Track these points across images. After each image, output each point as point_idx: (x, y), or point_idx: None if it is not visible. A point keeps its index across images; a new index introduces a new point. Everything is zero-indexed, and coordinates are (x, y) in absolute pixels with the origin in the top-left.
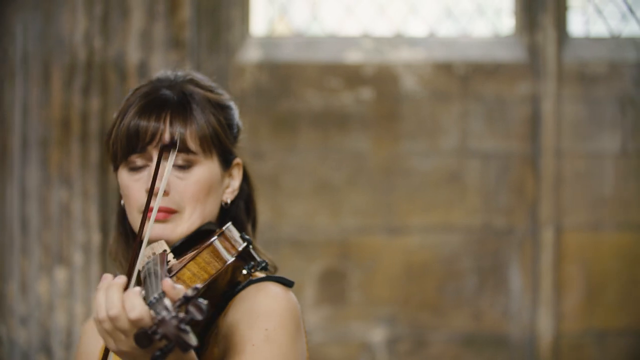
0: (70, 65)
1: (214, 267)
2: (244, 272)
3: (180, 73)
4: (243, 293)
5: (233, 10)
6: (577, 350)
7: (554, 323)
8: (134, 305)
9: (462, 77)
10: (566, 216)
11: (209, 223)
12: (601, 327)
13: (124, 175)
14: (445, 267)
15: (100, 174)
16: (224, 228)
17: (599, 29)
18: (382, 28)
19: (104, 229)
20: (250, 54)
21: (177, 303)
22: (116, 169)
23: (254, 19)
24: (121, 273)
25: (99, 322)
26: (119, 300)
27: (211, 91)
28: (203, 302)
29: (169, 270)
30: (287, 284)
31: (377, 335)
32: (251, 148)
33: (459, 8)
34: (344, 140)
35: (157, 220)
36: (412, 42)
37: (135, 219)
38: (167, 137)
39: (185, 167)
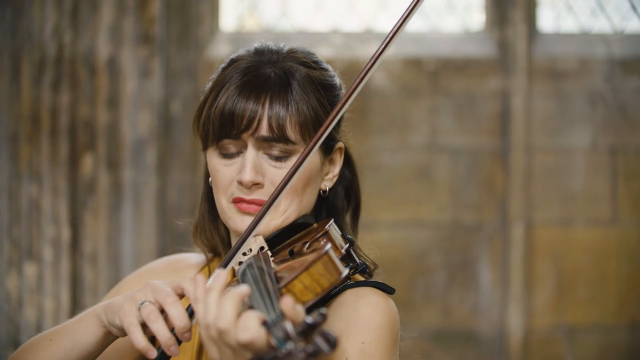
0: (39, 60)
1: (327, 280)
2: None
3: (282, 45)
4: (341, 298)
5: (203, 5)
6: (546, 346)
7: (524, 319)
8: (247, 327)
9: (432, 73)
10: (536, 212)
11: (305, 215)
12: (571, 322)
13: (214, 157)
14: (414, 263)
15: (69, 169)
16: (327, 227)
17: (568, 25)
18: (352, 24)
19: (73, 224)
20: (220, 50)
21: (299, 329)
22: (205, 148)
23: (224, 14)
24: (201, 252)
25: (204, 327)
26: (232, 315)
27: (315, 68)
28: (331, 333)
29: (277, 278)
30: (388, 291)
31: None
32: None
33: (429, 4)
34: None
35: (248, 213)
36: (382, 37)
37: (222, 207)
38: (264, 126)
39: (282, 158)
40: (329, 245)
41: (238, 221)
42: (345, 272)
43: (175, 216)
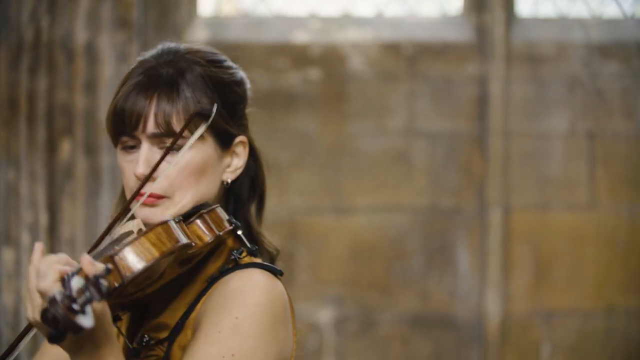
0: (16, 44)
1: (158, 249)
2: (232, 257)
3: (182, 46)
4: (226, 278)
5: None
6: (524, 331)
7: (502, 303)
8: (45, 276)
9: (410, 58)
10: (514, 197)
11: (204, 204)
12: (549, 307)
13: (118, 153)
14: (392, 248)
15: (47, 154)
16: (203, 210)
17: (546, 10)
18: (329, 8)
19: (51, 209)
20: (198, 34)
21: (87, 283)
22: (115, 145)
23: None
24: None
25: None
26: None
27: (209, 66)
28: (104, 283)
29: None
30: (275, 272)
31: (325, 315)
32: None
33: None
34: (291, 120)
35: (145, 204)
36: (360, 22)
37: (128, 198)
38: (151, 122)
39: (174, 149)
40: (167, 217)
41: (138, 212)
42: (184, 241)
43: None
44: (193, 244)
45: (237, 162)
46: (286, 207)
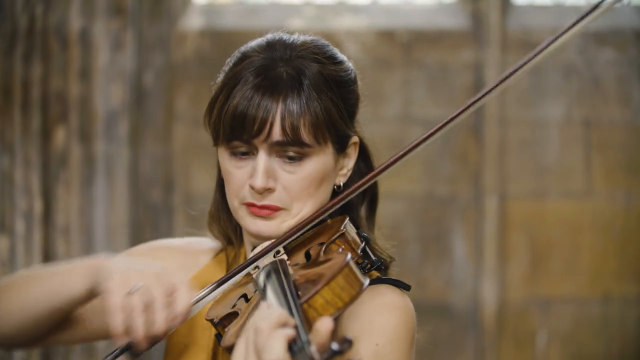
0: (11, 32)
1: (348, 294)
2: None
3: (294, 38)
4: None
5: None
6: (521, 319)
7: (498, 291)
8: (272, 349)
9: (405, 45)
10: (510, 184)
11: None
12: (545, 295)
13: (224, 156)
14: (388, 235)
15: (42, 141)
16: (342, 228)
17: None
18: None
19: (45, 197)
20: (192, 22)
21: (325, 356)
22: (216, 145)
23: None
24: (216, 239)
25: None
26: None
27: (328, 64)
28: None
29: (297, 291)
30: (404, 287)
31: None
32: (193, 115)
33: None
34: None
35: (260, 216)
36: (355, 9)
37: (234, 207)
38: (277, 130)
39: (295, 158)
40: (349, 256)
41: (249, 223)
42: (367, 283)
43: (148, 188)
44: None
45: (348, 164)
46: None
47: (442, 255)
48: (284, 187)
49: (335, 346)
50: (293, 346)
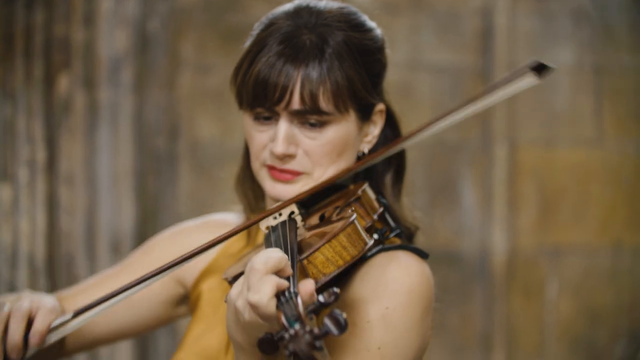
0: None
1: (349, 253)
2: (375, 236)
3: (322, 4)
4: (373, 261)
5: None
6: (530, 267)
7: (508, 239)
8: (259, 290)
9: None
10: (520, 131)
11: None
12: (555, 244)
13: (248, 120)
14: None
15: (45, 88)
16: (359, 192)
17: None
18: None
19: (49, 145)
20: None
21: (311, 307)
22: (240, 108)
23: None
24: (242, 206)
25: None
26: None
27: (353, 31)
28: (341, 314)
29: (300, 248)
30: (422, 255)
31: None
32: (198, 62)
33: None
34: None
35: (280, 180)
36: None
37: (256, 169)
38: (296, 98)
39: (316, 125)
40: (353, 217)
41: (270, 187)
42: (370, 242)
43: (152, 136)
44: (370, 238)
45: (374, 131)
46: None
47: (451, 202)
48: (305, 153)
49: (321, 298)
50: (281, 296)
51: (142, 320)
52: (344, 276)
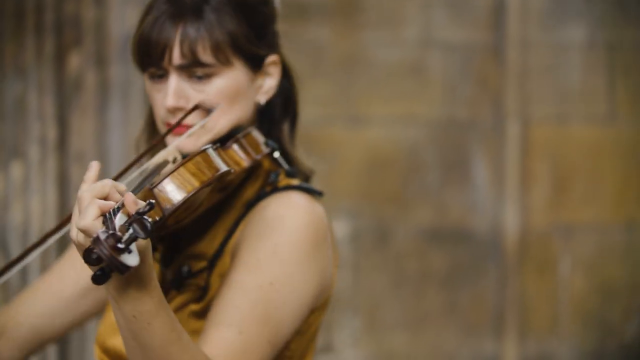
0: None
1: (199, 179)
2: (270, 180)
3: None
4: (264, 202)
5: None
6: (543, 245)
7: (520, 217)
8: (85, 215)
9: None
10: (532, 109)
11: (240, 127)
12: (568, 221)
13: (146, 81)
14: (408, 160)
15: (56, 65)
16: (239, 134)
17: None
18: None
19: (60, 123)
20: None
21: (130, 219)
22: (142, 73)
23: None
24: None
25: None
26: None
27: None
28: (148, 220)
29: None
30: (314, 193)
31: (340, 230)
32: None
33: None
34: (303, 30)
35: (178, 134)
36: None
37: (160, 129)
38: (176, 53)
39: (203, 77)
40: (206, 146)
41: (169, 142)
42: (224, 169)
43: None
44: (232, 170)
45: (269, 82)
46: (300, 119)
47: (463, 181)
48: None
49: (141, 207)
50: (106, 214)
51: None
52: (238, 219)
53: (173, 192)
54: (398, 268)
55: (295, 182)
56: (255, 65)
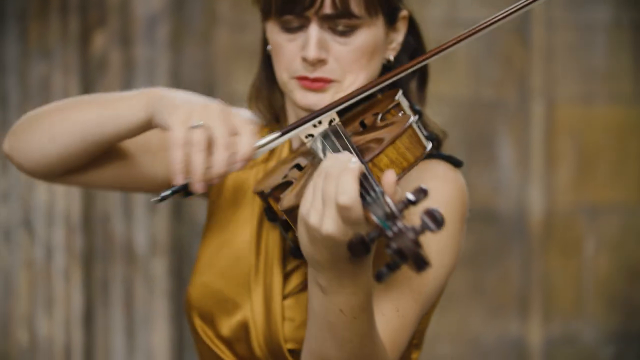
0: None
1: (412, 154)
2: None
3: None
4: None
5: None
6: (568, 225)
7: (545, 197)
8: (345, 190)
9: None
10: (557, 89)
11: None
12: (592, 201)
13: (275, 31)
14: None
15: (81, 45)
16: (396, 98)
17: None
18: None
19: None
20: None
21: (401, 206)
22: (265, 20)
23: None
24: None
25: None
26: (355, 191)
27: None
28: (438, 210)
29: (361, 152)
30: (456, 163)
31: None
32: (235, 19)
33: None
34: None
35: (312, 89)
36: None
37: (284, 81)
38: (328, 2)
39: (346, 32)
40: (413, 118)
41: (301, 97)
42: (429, 145)
43: (190, 91)
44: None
45: (398, 38)
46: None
47: (488, 160)
48: (335, 59)
49: (410, 196)
50: (366, 197)
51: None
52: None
53: (388, 167)
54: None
55: (434, 150)
56: (392, 19)
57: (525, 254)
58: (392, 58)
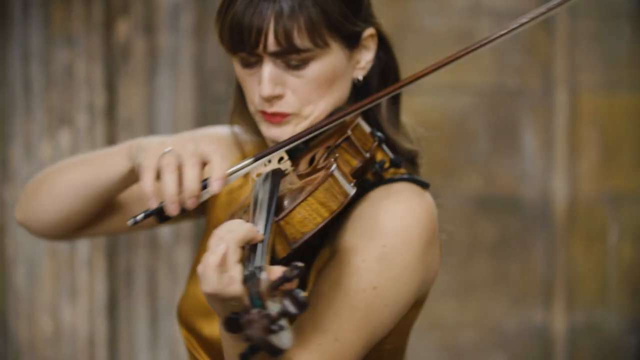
0: None
1: (328, 209)
2: (374, 171)
3: None
4: (371, 195)
5: None
6: (591, 213)
7: (569, 186)
8: (231, 282)
9: None
10: (581, 77)
11: (339, 109)
12: (616, 189)
13: (237, 66)
14: (456, 128)
15: (104, 32)
16: (349, 131)
17: None
18: None
19: (109, 89)
20: None
21: (275, 284)
22: (230, 55)
23: None
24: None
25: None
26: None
27: None
28: (300, 294)
29: (281, 204)
30: (422, 185)
31: None
32: None
33: None
34: None
35: (273, 123)
36: None
37: (251, 112)
38: (271, 40)
39: (299, 65)
40: (332, 168)
41: (265, 130)
42: (352, 193)
43: (213, 80)
44: (354, 186)
45: (366, 56)
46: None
47: (512, 149)
48: (292, 92)
49: (287, 273)
50: (247, 272)
51: None
52: (335, 220)
53: (302, 224)
54: (446, 236)
55: (401, 172)
56: (353, 42)
57: (549, 242)
58: (361, 78)
